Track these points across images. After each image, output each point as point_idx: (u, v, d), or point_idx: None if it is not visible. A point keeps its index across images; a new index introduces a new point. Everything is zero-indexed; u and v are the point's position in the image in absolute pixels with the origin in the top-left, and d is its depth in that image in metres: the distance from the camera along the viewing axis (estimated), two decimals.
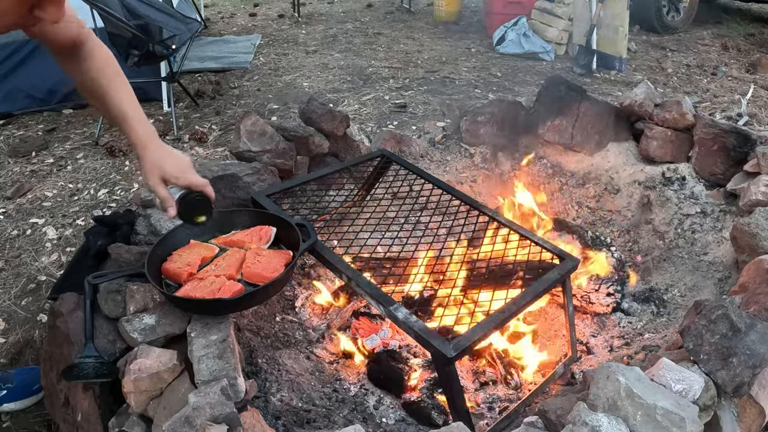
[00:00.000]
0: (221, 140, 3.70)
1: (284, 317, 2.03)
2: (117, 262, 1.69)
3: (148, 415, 1.34)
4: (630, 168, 2.57)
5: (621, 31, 4.71)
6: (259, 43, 5.79)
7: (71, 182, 3.20)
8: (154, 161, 1.43)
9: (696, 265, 2.18)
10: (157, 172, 1.43)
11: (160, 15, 3.60)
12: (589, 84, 4.56)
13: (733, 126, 2.34)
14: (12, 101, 3.91)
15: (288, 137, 2.36)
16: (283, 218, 1.69)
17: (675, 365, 1.34)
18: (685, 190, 2.40)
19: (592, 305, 2.11)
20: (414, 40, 5.93)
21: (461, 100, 4.20)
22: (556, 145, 2.70)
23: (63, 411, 1.51)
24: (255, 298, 1.52)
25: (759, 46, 5.65)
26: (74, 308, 1.58)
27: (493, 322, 1.45)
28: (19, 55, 3.81)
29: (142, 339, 1.42)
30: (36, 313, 2.18)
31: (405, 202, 2.04)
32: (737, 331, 1.37)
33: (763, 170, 2.10)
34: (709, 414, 1.33)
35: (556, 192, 2.67)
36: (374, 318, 2.00)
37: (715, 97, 4.29)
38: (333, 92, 4.53)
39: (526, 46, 5.25)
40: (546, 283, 1.61)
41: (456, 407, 1.46)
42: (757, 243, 1.81)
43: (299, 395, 1.68)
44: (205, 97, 4.37)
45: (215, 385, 1.25)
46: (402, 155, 2.59)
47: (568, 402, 1.30)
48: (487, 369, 1.84)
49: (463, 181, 2.69)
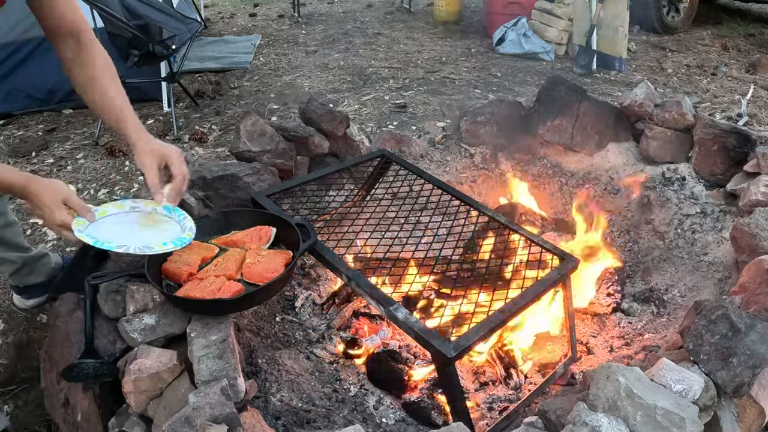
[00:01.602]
0: (221, 140, 3.70)
1: (284, 317, 2.03)
2: (117, 262, 1.69)
3: (148, 415, 1.34)
4: (630, 168, 2.57)
5: (621, 31, 4.71)
6: (259, 43, 5.79)
7: (71, 182, 3.20)
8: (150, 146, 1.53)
9: (696, 265, 2.18)
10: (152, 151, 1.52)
11: (160, 15, 3.59)
12: (589, 84, 4.56)
13: (733, 126, 2.34)
14: (12, 101, 3.91)
15: (288, 137, 2.36)
16: (283, 218, 1.69)
17: (675, 365, 1.34)
18: (685, 191, 2.40)
19: (592, 305, 2.11)
20: (414, 40, 5.93)
21: (461, 100, 4.20)
22: (556, 145, 2.70)
23: (63, 411, 1.51)
24: (255, 298, 1.52)
25: (759, 46, 5.64)
26: (74, 308, 1.58)
27: (493, 322, 1.45)
28: (19, 55, 3.81)
29: (142, 339, 1.42)
30: (36, 313, 2.19)
31: (405, 203, 2.04)
32: (737, 331, 1.37)
33: (763, 170, 2.10)
34: (709, 414, 1.33)
35: (556, 192, 2.67)
36: (374, 318, 2.00)
37: (715, 98, 4.29)
38: (333, 92, 4.53)
39: (526, 47, 5.25)
40: (546, 283, 1.61)
41: (456, 407, 1.46)
42: (757, 243, 1.81)
43: (299, 395, 1.68)
44: (205, 98, 4.37)
45: (215, 385, 1.25)
46: (402, 155, 2.59)
47: (568, 402, 1.30)
48: (487, 369, 1.84)
49: (463, 181, 2.69)
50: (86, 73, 1.56)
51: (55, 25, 1.53)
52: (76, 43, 1.54)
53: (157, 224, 1.57)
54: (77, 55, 1.55)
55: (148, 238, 1.49)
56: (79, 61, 1.55)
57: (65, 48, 1.55)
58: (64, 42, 1.54)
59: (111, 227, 1.50)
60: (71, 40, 1.54)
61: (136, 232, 1.52)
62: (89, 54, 1.55)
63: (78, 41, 1.54)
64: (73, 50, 1.55)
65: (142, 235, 1.50)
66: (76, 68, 1.56)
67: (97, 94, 1.55)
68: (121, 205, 1.59)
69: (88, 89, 1.57)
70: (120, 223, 1.53)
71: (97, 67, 1.56)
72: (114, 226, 1.51)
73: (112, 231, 1.48)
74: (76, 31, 1.54)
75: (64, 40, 1.54)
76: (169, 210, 1.59)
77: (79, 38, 1.54)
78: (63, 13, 1.52)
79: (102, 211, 1.54)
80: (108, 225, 1.50)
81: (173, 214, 1.59)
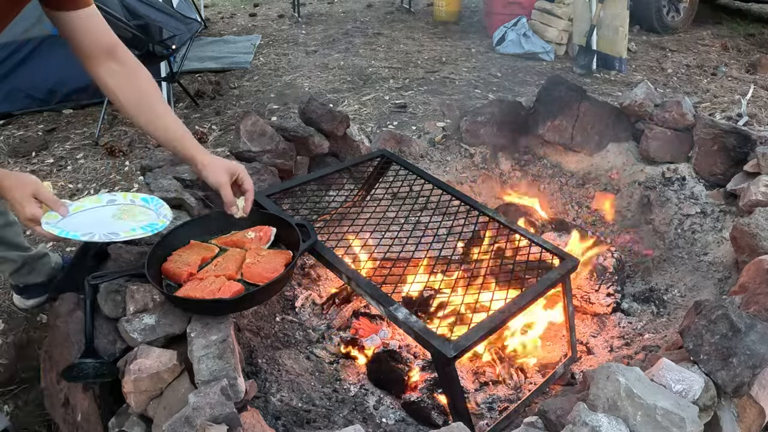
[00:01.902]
0: (221, 140, 3.70)
1: (284, 317, 2.04)
2: (117, 262, 1.69)
3: (148, 415, 1.34)
4: (630, 168, 2.57)
5: (621, 31, 4.71)
6: (259, 43, 5.79)
7: (71, 182, 3.20)
8: (219, 162, 1.56)
9: (696, 265, 2.18)
10: (225, 168, 1.55)
11: (160, 15, 3.60)
12: (589, 84, 4.56)
13: (733, 126, 2.34)
14: (12, 101, 3.91)
15: (288, 137, 2.36)
16: (283, 218, 1.69)
17: (675, 365, 1.34)
18: (685, 191, 2.40)
19: (592, 305, 2.11)
20: (414, 40, 5.93)
21: (461, 100, 4.19)
22: (556, 145, 2.70)
23: (63, 411, 1.51)
24: (255, 298, 1.52)
25: (759, 46, 5.64)
26: (74, 308, 1.58)
27: (493, 323, 1.45)
28: (19, 55, 3.81)
29: (142, 339, 1.42)
30: (36, 313, 2.19)
31: (405, 202, 2.04)
32: (737, 332, 1.37)
33: (763, 170, 2.10)
34: (709, 414, 1.33)
35: (556, 192, 2.68)
36: (374, 318, 2.00)
37: (715, 98, 4.29)
38: (333, 92, 4.53)
39: (526, 47, 5.25)
40: (546, 283, 1.61)
41: (456, 407, 1.46)
42: (757, 243, 1.81)
43: (299, 395, 1.68)
44: (205, 98, 4.37)
45: (215, 385, 1.25)
46: (402, 155, 2.59)
47: (568, 402, 1.30)
48: (487, 369, 1.84)
49: (463, 181, 2.69)
50: (133, 98, 1.50)
51: (93, 47, 1.45)
52: (115, 63, 1.48)
53: (135, 216, 1.56)
54: (119, 78, 1.48)
55: (119, 226, 1.48)
56: (122, 85, 1.49)
57: (105, 72, 1.48)
58: (103, 65, 1.47)
59: (84, 220, 1.49)
60: (111, 63, 1.47)
61: (109, 223, 1.51)
62: (129, 74, 1.50)
63: (116, 60, 1.48)
64: (114, 72, 1.48)
65: (113, 225, 1.50)
66: (121, 94, 1.50)
67: (147, 116, 1.51)
68: (98, 200, 1.59)
69: (137, 113, 1.52)
70: (94, 216, 1.52)
71: (141, 86, 1.51)
72: (87, 219, 1.50)
73: (84, 223, 1.47)
74: (113, 50, 1.48)
75: (103, 63, 1.47)
76: (146, 201, 1.60)
77: (117, 56, 1.48)
78: (99, 33, 1.45)
79: (77, 206, 1.53)
80: (81, 218, 1.49)
81: (151, 204, 1.60)
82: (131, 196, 1.60)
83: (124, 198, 1.60)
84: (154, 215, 1.57)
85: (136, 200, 1.60)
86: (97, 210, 1.56)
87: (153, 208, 1.59)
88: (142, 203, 1.59)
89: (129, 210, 1.58)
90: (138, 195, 1.61)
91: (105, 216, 1.54)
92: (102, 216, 1.54)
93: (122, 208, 1.59)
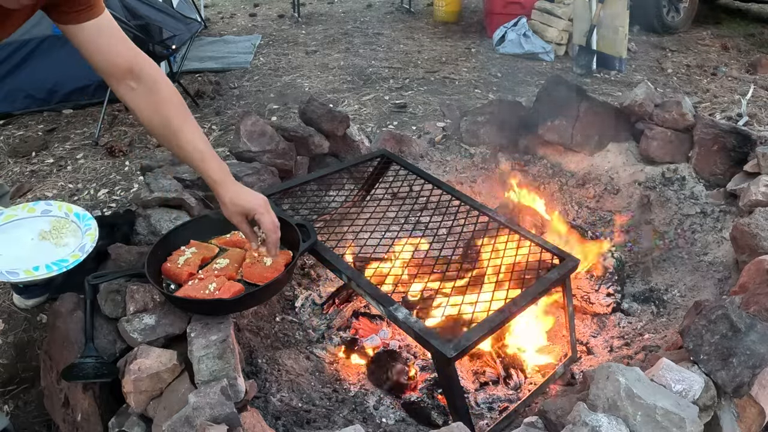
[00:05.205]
0: (221, 140, 3.70)
1: (284, 317, 2.04)
2: (117, 262, 1.69)
3: (148, 415, 1.34)
4: (630, 168, 2.57)
5: (621, 31, 4.71)
6: (259, 43, 5.78)
7: (71, 182, 3.20)
8: (233, 198, 1.46)
9: (696, 265, 2.18)
10: (238, 209, 1.46)
11: (160, 15, 3.60)
12: (589, 84, 4.56)
13: (733, 126, 2.34)
14: (12, 101, 3.91)
15: (288, 137, 2.36)
16: (283, 218, 1.69)
17: (675, 365, 1.34)
18: (685, 191, 2.40)
19: (592, 305, 2.11)
20: (414, 40, 5.93)
21: (461, 101, 4.20)
22: (556, 145, 2.70)
23: (63, 411, 1.51)
24: (255, 298, 1.52)
25: (759, 46, 5.64)
26: (74, 308, 1.58)
27: (493, 323, 1.45)
28: (19, 55, 3.81)
29: (142, 339, 1.42)
30: (36, 313, 2.19)
31: (405, 202, 2.04)
32: (737, 332, 1.37)
33: (763, 170, 2.10)
34: (709, 414, 1.33)
35: (556, 192, 2.67)
36: (374, 318, 2.00)
37: (715, 98, 4.29)
38: (333, 92, 4.52)
39: (526, 47, 5.25)
40: (546, 283, 1.61)
41: (456, 407, 1.46)
42: (757, 243, 1.81)
43: (299, 395, 1.68)
44: (205, 98, 4.37)
45: (215, 386, 1.25)
46: (402, 155, 2.59)
47: (568, 402, 1.30)
48: (487, 369, 1.84)
49: (463, 182, 2.69)
50: (158, 119, 1.42)
51: (111, 65, 1.37)
52: (137, 82, 1.39)
53: (61, 237, 1.48)
54: (143, 97, 1.40)
55: (27, 258, 1.39)
56: (145, 105, 1.41)
57: (127, 91, 1.41)
58: (123, 84, 1.40)
59: (3, 236, 1.42)
60: (132, 81, 1.39)
61: (27, 245, 1.44)
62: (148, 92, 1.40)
63: (138, 79, 1.39)
64: (136, 92, 1.40)
65: (30, 251, 1.42)
66: (141, 114, 1.43)
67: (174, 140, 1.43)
68: (32, 209, 1.52)
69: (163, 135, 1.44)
70: (16, 236, 1.45)
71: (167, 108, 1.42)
72: (7, 236, 1.43)
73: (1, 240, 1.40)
74: (136, 68, 1.38)
75: (123, 81, 1.39)
76: (79, 218, 1.52)
77: (140, 76, 1.39)
78: (117, 50, 1.37)
79: (8, 214, 1.48)
80: (3, 234, 1.43)
81: (81, 223, 1.51)
82: (66, 208, 1.52)
83: (59, 210, 1.52)
84: (79, 238, 1.47)
85: (70, 214, 1.51)
86: (27, 222, 1.48)
87: (82, 228, 1.49)
88: (74, 219, 1.51)
89: (57, 227, 1.49)
90: (73, 208, 1.52)
91: (27, 236, 1.46)
92: (24, 235, 1.46)
93: (53, 223, 1.50)
